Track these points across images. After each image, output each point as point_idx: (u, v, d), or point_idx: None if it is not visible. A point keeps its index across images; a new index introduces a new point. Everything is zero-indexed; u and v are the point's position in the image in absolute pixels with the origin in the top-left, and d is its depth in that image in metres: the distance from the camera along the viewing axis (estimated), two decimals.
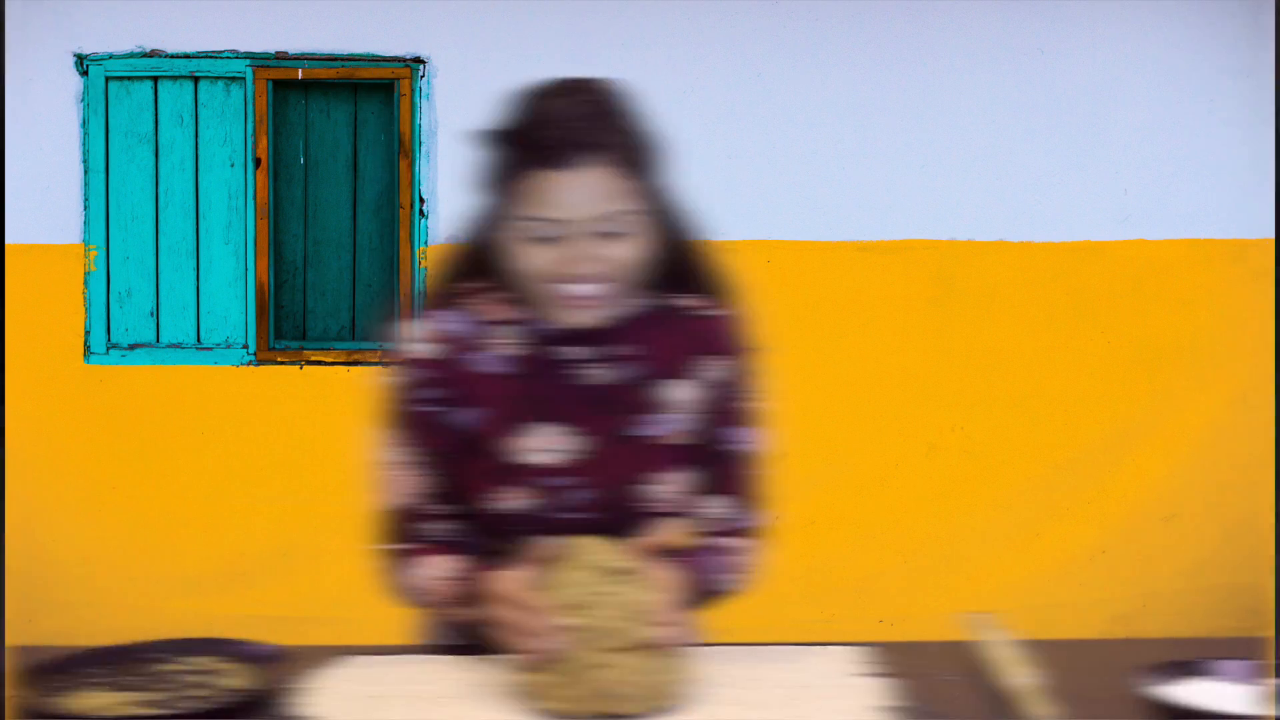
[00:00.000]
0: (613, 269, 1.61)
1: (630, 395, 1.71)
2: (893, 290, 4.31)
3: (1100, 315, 4.33)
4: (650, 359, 1.72)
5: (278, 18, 4.20)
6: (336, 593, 4.20)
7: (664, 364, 1.72)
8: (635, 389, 1.71)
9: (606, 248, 1.59)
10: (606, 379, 1.71)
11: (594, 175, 1.57)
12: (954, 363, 4.31)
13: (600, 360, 1.71)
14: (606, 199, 1.58)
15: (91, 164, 4.21)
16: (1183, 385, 4.34)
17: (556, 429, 1.69)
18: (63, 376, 4.21)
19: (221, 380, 4.24)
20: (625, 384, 1.71)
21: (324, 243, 4.40)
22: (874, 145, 4.28)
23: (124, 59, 4.20)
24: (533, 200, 1.58)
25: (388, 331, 1.83)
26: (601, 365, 1.71)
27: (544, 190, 1.57)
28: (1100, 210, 4.32)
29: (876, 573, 4.29)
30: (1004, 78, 4.30)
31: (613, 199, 1.58)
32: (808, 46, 4.25)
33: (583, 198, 1.57)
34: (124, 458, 4.21)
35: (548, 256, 1.60)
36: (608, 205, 1.58)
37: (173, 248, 4.27)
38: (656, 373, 1.72)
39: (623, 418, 1.70)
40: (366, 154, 4.38)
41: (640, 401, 1.71)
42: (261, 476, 4.22)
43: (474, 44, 4.20)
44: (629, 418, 1.71)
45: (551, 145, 1.57)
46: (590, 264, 1.59)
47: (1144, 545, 4.33)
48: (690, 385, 1.73)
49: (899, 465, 4.32)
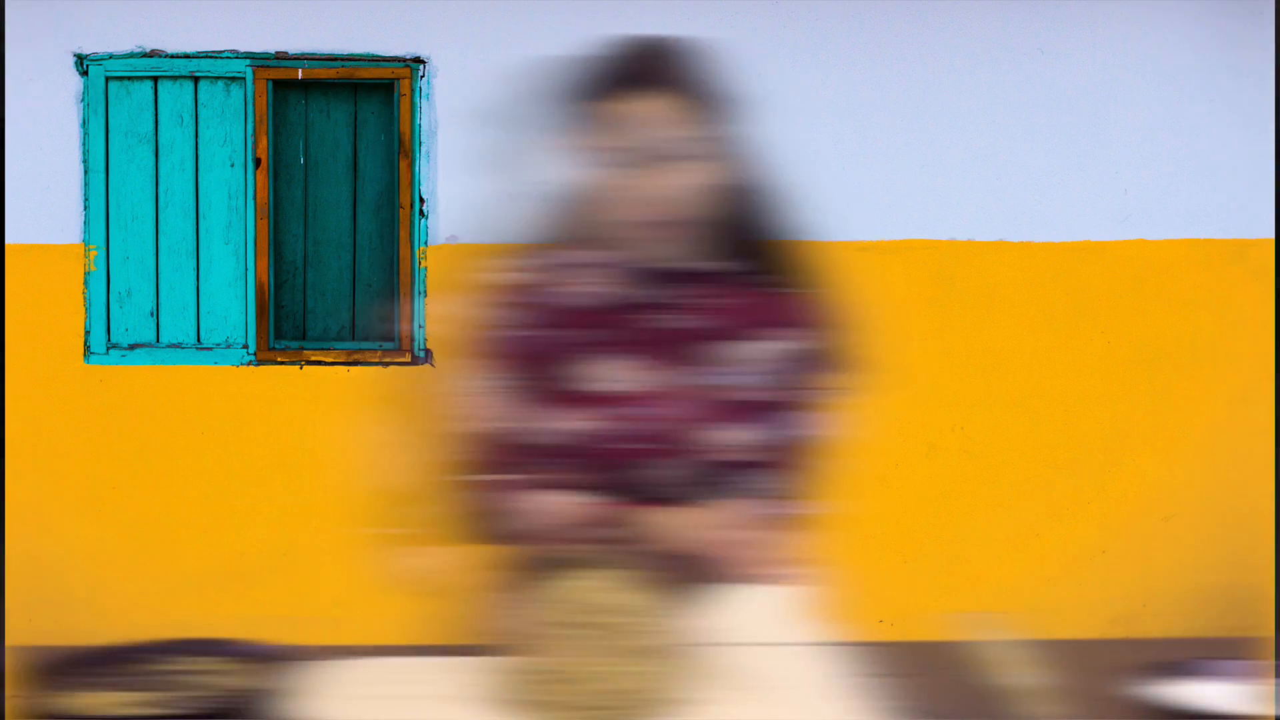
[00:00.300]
0: (681, 197, 1.67)
1: (699, 342, 1.76)
2: (893, 290, 4.31)
3: (1100, 315, 4.33)
4: (724, 313, 1.76)
5: (278, 18, 4.20)
6: (336, 593, 4.21)
7: (738, 321, 1.76)
8: (705, 337, 1.76)
9: (674, 173, 1.66)
10: (679, 323, 1.76)
11: (659, 101, 1.66)
12: (954, 363, 4.32)
13: (675, 305, 1.76)
14: (672, 123, 1.66)
15: (91, 164, 4.21)
16: (1183, 385, 4.34)
17: (626, 362, 1.74)
18: (63, 376, 4.21)
19: (221, 380, 4.24)
20: (696, 331, 1.76)
21: (324, 243, 4.40)
22: (874, 145, 4.28)
23: (124, 59, 4.20)
24: (602, 128, 1.67)
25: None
26: (675, 310, 1.76)
27: (612, 116, 1.66)
28: (1100, 210, 4.33)
29: (876, 573, 4.29)
30: (1004, 78, 4.30)
31: (678, 124, 1.66)
32: (808, 46, 4.25)
33: (648, 121, 1.65)
34: (124, 458, 4.21)
35: (619, 184, 1.66)
36: (673, 129, 1.66)
37: (173, 248, 4.27)
38: (728, 327, 1.76)
39: (689, 362, 1.75)
40: (366, 154, 4.38)
41: (708, 351, 1.75)
42: (261, 476, 4.22)
43: (474, 44, 4.20)
44: (696, 363, 1.75)
45: (617, 73, 1.68)
46: (658, 187, 1.65)
47: (1144, 545, 4.34)
48: (760, 348, 1.77)
49: (899, 465, 4.32)
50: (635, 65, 1.70)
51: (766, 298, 1.79)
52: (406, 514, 1.76)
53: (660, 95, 1.67)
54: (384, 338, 4.36)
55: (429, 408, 1.81)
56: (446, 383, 1.80)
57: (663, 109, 1.66)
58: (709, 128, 1.70)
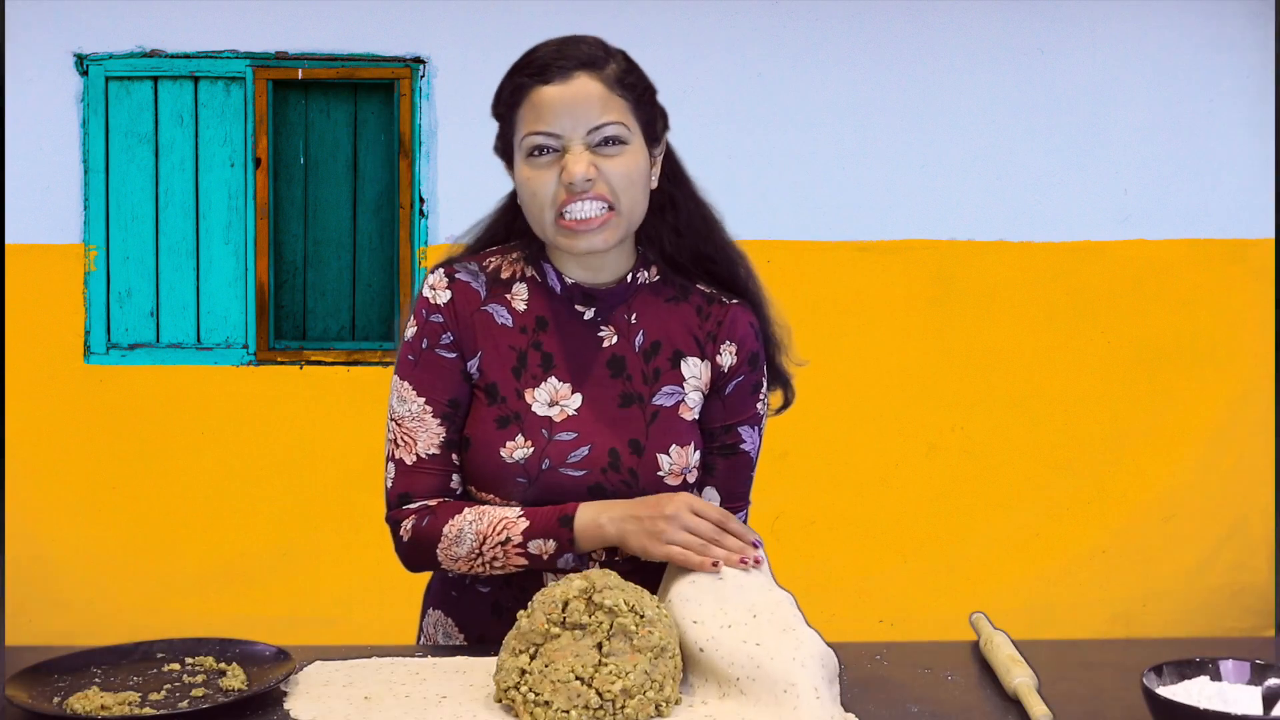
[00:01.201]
0: (610, 183, 1.64)
1: (640, 361, 1.73)
2: (893, 290, 4.31)
3: (1100, 315, 4.34)
4: (664, 331, 1.75)
5: (278, 18, 4.21)
6: (336, 593, 4.21)
7: (677, 338, 1.75)
8: (646, 356, 1.74)
9: (603, 161, 1.64)
10: (618, 342, 1.73)
11: (585, 87, 1.64)
12: (954, 363, 4.32)
13: (613, 323, 1.74)
14: (600, 110, 1.64)
15: (91, 164, 4.22)
16: (1183, 385, 4.34)
17: (563, 385, 1.71)
18: (63, 376, 4.21)
19: (221, 380, 4.24)
20: (636, 350, 1.73)
21: (324, 243, 4.40)
22: (874, 145, 4.29)
23: (124, 59, 4.20)
24: (530, 117, 1.65)
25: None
26: (614, 328, 1.74)
27: (540, 104, 1.64)
28: (1100, 210, 4.33)
29: (877, 573, 4.30)
30: (1004, 78, 4.30)
31: (606, 110, 1.64)
32: (808, 46, 4.25)
33: (575, 108, 1.63)
34: (124, 458, 4.21)
35: (547, 174, 1.64)
36: (600, 116, 1.64)
37: (173, 248, 4.28)
38: (669, 345, 1.74)
39: (630, 382, 1.72)
40: (366, 154, 4.38)
41: (649, 369, 1.73)
42: (261, 476, 4.23)
43: (474, 44, 4.20)
44: (637, 383, 1.73)
45: (543, 62, 1.65)
46: (585, 169, 1.62)
47: (1144, 545, 4.34)
48: (703, 365, 1.75)
49: (899, 465, 4.32)
50: (563, 50, 1.67)
51: (709, 313, 1.76)
52: (425, 480, 1.73)
53: (575, 80, 1.64)
54: (384, 338, 4.36)
55: None
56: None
57: (580, 95, 1.64)
58: (631, 113, 1.66)
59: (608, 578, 1.51)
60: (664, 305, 1.76)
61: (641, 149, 1.67)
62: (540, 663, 1.46)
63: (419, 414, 1.71)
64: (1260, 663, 1.40)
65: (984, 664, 1.63)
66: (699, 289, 1.78)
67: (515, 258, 1.76)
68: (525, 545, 1.65)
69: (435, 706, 1.49)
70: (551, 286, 1.74)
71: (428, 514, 1.70)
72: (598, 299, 1.73)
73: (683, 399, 1.73)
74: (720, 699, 1.49)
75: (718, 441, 1.76)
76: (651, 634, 1.47)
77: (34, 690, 1.48)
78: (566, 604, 1.48)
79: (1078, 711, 1.46)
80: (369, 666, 1.62)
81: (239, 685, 1.51)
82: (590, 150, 1.63)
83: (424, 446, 1.71)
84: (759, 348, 1.78)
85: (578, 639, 1.46)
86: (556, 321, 1.73)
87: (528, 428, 1.69)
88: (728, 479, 1.78)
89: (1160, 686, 1.38)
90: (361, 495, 4.26)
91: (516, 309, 1.73)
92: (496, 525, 1.66)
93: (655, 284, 1.76)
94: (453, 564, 1.70)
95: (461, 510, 1.69)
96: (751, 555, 1.57)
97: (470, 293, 1.73)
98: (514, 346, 1.72)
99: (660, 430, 1.71)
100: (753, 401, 1.78)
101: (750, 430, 1.78)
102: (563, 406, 1.70)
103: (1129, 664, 1.55)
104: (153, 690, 1.51)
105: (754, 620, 1.51)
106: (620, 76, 1.66)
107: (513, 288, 1.74)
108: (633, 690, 1.44)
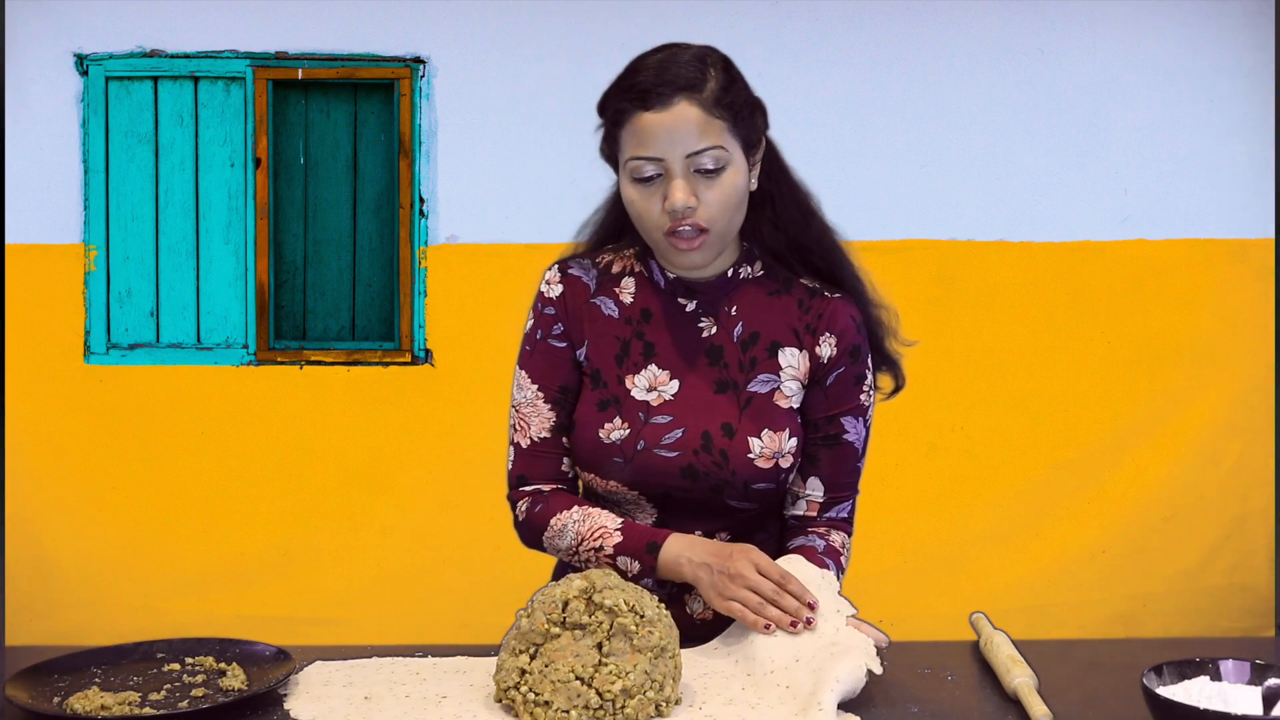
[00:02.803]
0: (713, 207, 1.70)
1: (738, 351, 1.79)
2: (893, 290, 4.30)
3: (1100, 315, 4.33)
4: (763, 322, 1.80)
5: (278, 18, 4.21)
6: (336, 593, 4.21)
7: (776, 330, 1.80)
8: (744, 346, 1.80)
9: (704, 185, 1.69)
10: (717, 333, 1.80)
11: (684, 114, 1.68)
12: (954, 363, 4.31)
13: (713, 314, 1.80)
14: (698, 136, 1.68)
15: (91, 164, 4.22)
16: (1183, 385, 4.34)
17: (663, 372, 1.79)
18: (63, 376, 4.21)
19: (221, 380, 4.24)
20: (735, 340, 1.80)
21: (324, 243, 4.40)
22: (874, 145, 4.28)
23: (124, 59, 4.20)
24: (633, 142, 1.70)
25: None
26: (713, 319, 1.80)
27: (641, 131, 1.69)
28: (1100, 210, 4.33)
29: (876, 573, 4.29)
30: (1004, 78, 4.30)
31: (704, 136, 1.69)
32: (808, 46, 4.25)
33: (674, 135, 1.68)
34: (124, 458, 4.21)
35: (652, 197, 1.70)
36: (699, 142, 1.68)
37: (173, 248, 4.28)
38: (767, 335, 1.80)
39: (726, 370, 1.78)
40: (366, 154, 4.38)
41: (746, 359, 1.79)
42: (261, 476, 4.22)
43: (474, 44, 4.20)
44: (733, 370, 1.78)
45: (644, 86, 1.69)
46: (686, 196, 1.68)
47: (1144, 545, 4.33)
48: (801, 355, 1.80)
49: (899, 465, 4.32)
50: (662, 74, 1.70)
51: (809, 305, 1.82)
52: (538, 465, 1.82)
53: (676, 106, 1.68)
54: (384, 338, 4.36)
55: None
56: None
57: (681, 120, 1.68)
58: (732, 135, 1.71)
59: (608, 578, 1.51)
60: (766, 298, 1.82)
61: (740, 164, 1.73)
62: (540, 663, 1.46)
63: (533, 400, 1.81)
64: (1260, 663, 1.40)
65: (984, 664, 1.63)
66: (802, 283, 1.85)
67: (628, 254, 1.85)
68: (614, 559, 1.73)
69: (435, 706, 1.49)
70: (657, 281, 1.82)
71: (540, 501, 1.80)
72: (699, 292, 1.81)
73: (778, 386, 1.79)
74: (726, 704, 1.49)
75: (820, 432, 1.81)
76: (651, 634, 1.47)
77: (34, 690, 1.48)
78: (566, 604, 1.48)
79: (1078, 711, 1.46)
80: (369, 666, 1.62)
81: (239, 685, 1.51)
82: (691, 175, 1.69)
83: (536, 430, 1.81)
84: (861, 340, 1.84)
85: (578, 639, 1.47)
86: (660, 313, 1.81)
87: (626, 410, 1.77)
88: (832, 469, 1.82)
89: (1160, 686, 1.38)
90: (361, 495, 4.27)
91: (624, 301, 1.82)
92: (595, 532, 1.74)
93: (760, 278, 1.83)
94: (555, 552, 1.80)
95: (571, 506, 1.78)
96: (804, 617, 1.60)
97: (580, 286, 1.83)
98: (618, 336, 1.81)
99: (753, 415, 1.77)
100: (856, 392, 1.83)
101: (854, 420, 1.83)
102: (660, 392, 1.78)
103: (1129, 664, 1.55)
104: (153, 690, 1.51)
105: (795, 664, 1.55)
106: (718, 96, 1.71)
107: (621, 281, 1.83)
108: (633, 690, 1.44)
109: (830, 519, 1.82)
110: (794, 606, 1.60)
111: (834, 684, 1.46)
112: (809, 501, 1.82)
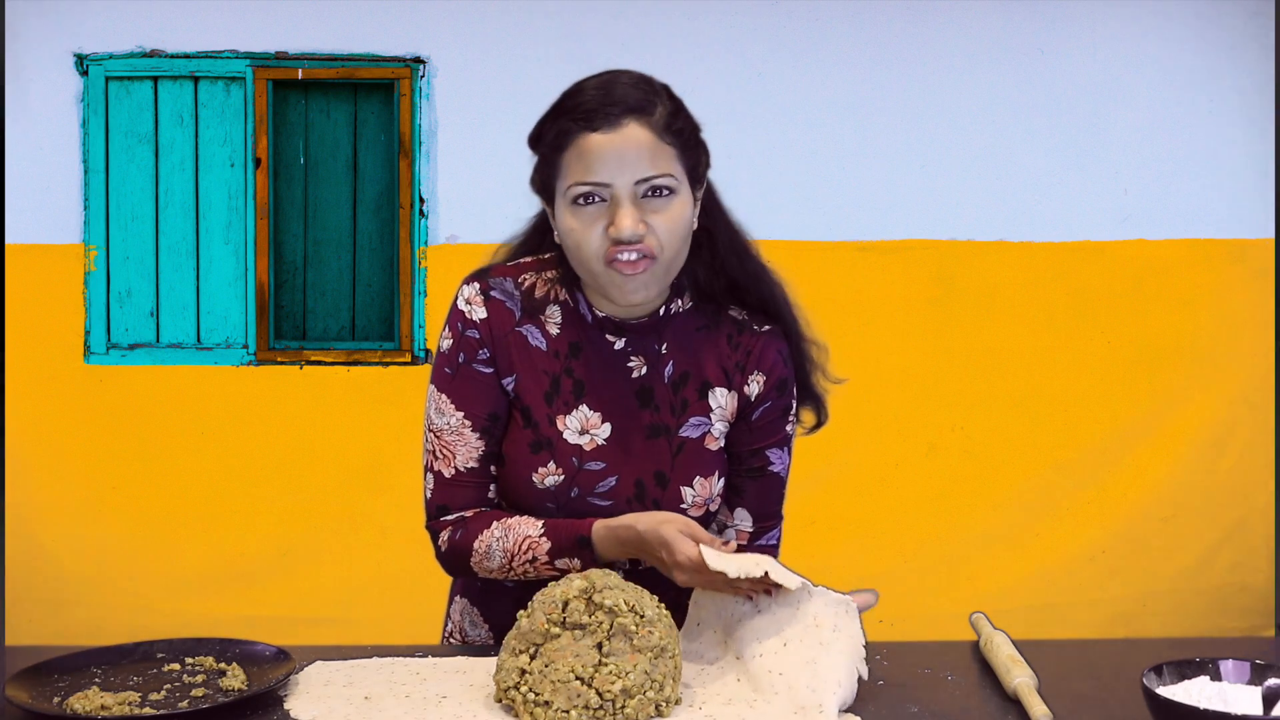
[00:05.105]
0: (658, 236, 1.62)
1: (669, 392, 1.74)
2: (893, 290, 4.31)
3: (1100, 315, 4.33)
4: (693, 361, 1.74)
5: (278, 18, 4.21)
6: (336, 593, 4.21)
7: (706, 369, 1.75)
8: (674, 387, 1.74)
9: (652, 212, 1.61)
10: (647, 373, 1.74)
11: (635, 136, 1.60)
12: (954, 363, 4.32)
13: (642, 353, 1.74)
14: (649, 161, 1.61)
15: (91, 164, 4.22)
16: (1183, 385, 4.34)
17: (594, 414, 1.72)
18: (63, 376, 4.21)
19: (221, 380, 4.24)
20: (665, 381, 1.74)
21: (324, 243, 4.40)
22: (874, 145, 4.28)
23: (124, 59, 4.20)
24: (578, 166, 1.61)
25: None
26: (643, 358, 1.74)
27: (588, 153, 1.61)
28: (1100, 210, 4.33)
29: (876, 573, 4.29)
30: (1004, 78, 4.30)
31: (655, 162, 1.61)
32: (808, 46, 4.25)
33: (624, 158, 1.60)
34: (124, 458, 4.21)
35: (594, 225, 1.61)
36: (650, 167, 1.61)
37: (173, 248, 4.28)
38: (697, 375, 1.74)
39: (658, 413, 1.73)
40: (366, 154, 4.38)
41: (677, 400, 1.74)
42: (261, 476, 4.23)
43: (474, 44, 4.20)
44: (664, 414, 1.73)
45: (590, 106, 1.61)
46: (634, 224, 1.59)
47: (1144, 545, 4.34)
48: (729, 395, 1.75)
49: (899, 465, 4.32)
50: (609, 94, 1.62)
51: (740, 342, 1.76)
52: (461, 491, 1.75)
53: (624, 129, 1.60)
54: (384, 338, 4.36)
55: None
56: None
57: (629, 144, 1.60)
58: (679, 162, 1.64)
59: (608, 578, 1.51)
60: (695, 334, 1.76)
61: (687, 196, 1.65)
62: (540, 663, 1.46)
63: (458, 428, 1.72)
64: (1260, 663, 1.40)
65: (984, 664, 1.63)
66: (730, 315, 1.77)
67: (550, 277, 1.75)
68: (553, 563, 1.67)
69: (435, 706, 1.49)
70: (584, 315, 1.73)
71: (460, 528, 1.72)
72: (628, 330, 1.73)
73: (709, 430, 1.74)
74: (726, 704, 1.49)
75: (745, 465, 1.78)
76: (651, 634, 1.47)
77: (34, 690, 1.48)
78: (566, 604, 1.48)
79: (1077, 711, 1.46)
80: (369, 666, 1.62)
81: (239, 685, 1.51)
82: (639, 201, 1.61)
83: (462, 460, 1.73)
84: (788, 373, 1.78)
85: (578, 639, 1.46)
86: (588, 349, 1.73)
87: (559, 454, 1.71)
88: (759, 500, 1.79)
89: (1160, 686, 1.38)
90: (361, 495, 4.27)
91: (550, 332, 1.74)
92: (521, 544, 1.68)
93: (687, 312, 1.76)
94: (488, 574, 1.72)
95: (489, 525, 1.70)
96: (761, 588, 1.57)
97: (505, 313, 1.73)
98: (547, 371, 1.72)
99: (685, 462, 1.73)
100: (782, 424, 1.79)
101: (779, 451, 1.79)
102: (592, 435, 1.72)
103: (1129, 664, 1.55)
104: (153, 690, 1.51)
105: (783, 649, 1.52)
106: (668, 121, 1.63)
107: (546, 309, 1.74)
108: (633, 690, 1.44)
109: (760, 546, 1.79)
110: (747, 586, 1.57)
111: (835, 687, 1.46)
112: (738, 531, 1.78)
